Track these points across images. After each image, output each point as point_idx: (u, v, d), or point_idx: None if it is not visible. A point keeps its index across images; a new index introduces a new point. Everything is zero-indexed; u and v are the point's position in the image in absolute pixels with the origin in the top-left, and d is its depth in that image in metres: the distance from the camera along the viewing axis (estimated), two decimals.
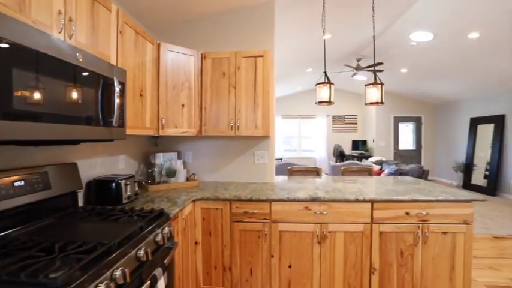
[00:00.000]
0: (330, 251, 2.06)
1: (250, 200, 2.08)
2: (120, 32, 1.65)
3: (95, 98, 1.31)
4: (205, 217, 2.14)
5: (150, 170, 2.51)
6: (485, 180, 6.47)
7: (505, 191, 6.07)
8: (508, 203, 5.52)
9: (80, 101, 1.21)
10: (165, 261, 1.33)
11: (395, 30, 4.42)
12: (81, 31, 1.32)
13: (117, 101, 1.41)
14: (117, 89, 1.42)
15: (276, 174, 4.85)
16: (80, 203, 1.74)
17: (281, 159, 8.79)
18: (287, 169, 3.29)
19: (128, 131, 1.75)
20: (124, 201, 1.80)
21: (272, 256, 2.08)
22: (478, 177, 6.71)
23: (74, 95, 1.18)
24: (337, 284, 2.07)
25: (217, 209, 2.12)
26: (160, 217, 1.51)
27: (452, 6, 3.43)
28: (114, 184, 1.76)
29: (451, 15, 3.63)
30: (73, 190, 1.55)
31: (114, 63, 1.59)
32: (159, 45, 2.19)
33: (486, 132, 6.60)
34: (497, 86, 5.96)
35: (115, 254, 1.00)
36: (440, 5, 3.46)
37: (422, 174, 4.87)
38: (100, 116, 1.35)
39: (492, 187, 6.23)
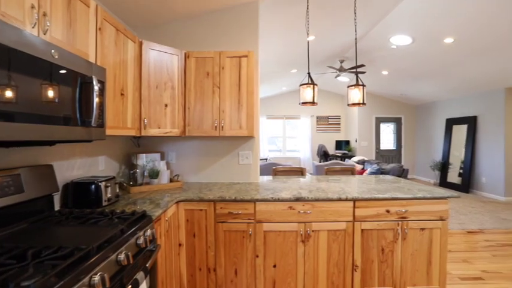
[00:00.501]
0: (313, 249, 2.08)
1: (235, 200, 2.07)
2: (100, 29, 1.60)
3: (72, 97, 1.26)
4: (189, 218, 2.11)
5: (132, 171, 2.45)
6: (460, 178, 6.77)
7: (477, 188, 6.38)
8: (479, 199, 5.80)
9: (56, 100, 1.16)
10: (147, 265, 1.30)
11: (377, 33, 4.54)
12: (57, 27, 1.27)
13: (96, 100, 1.37)
14: (96, 87, 1.37)
15: (261, 174, 4.87)
16: (57, 207, 1.67)
17: (266, 159, 8.83)
18: (272, 169, 3.31)
19: (108, 132, 1.70)
20: (104, 204, 1.74)
21: (257, 256, 2.09)
22: (453, 175, 7.02)
23: (50, 93, 1.13)
24: (321, 282, 2.10)
25: (201, 210, 2.10)
26: (143, 219, 1.47)
27: (428, 12, 3.56)
28: (93, 186, 1.70)
29: (428, 21, 3.78)
30: (48, 193, 1.49)
31: (93, 61, 1.54)
32: (141, 44, 2.15)
33: (460, 132, 6.91)
34: (470, 89, 6.26)
35: (94, 259, 0.97)
36: (417, 10, 3.58)
37: (402, 173, 5.03)
38: (78, 116, 1.30)
39: (466, 184, 6.54)
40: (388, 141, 9.06)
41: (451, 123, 7.25)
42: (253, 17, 2.74)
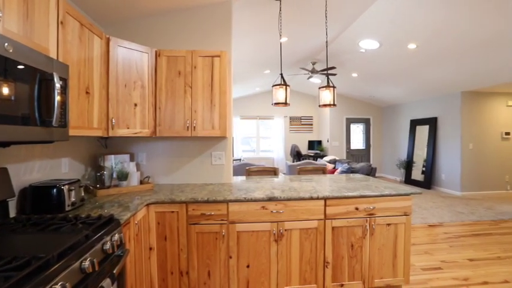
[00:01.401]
0: (286, 248, 2.12)
1: (207, 201, 2.05)
2: (62, 22, 1.51)
3: (30, 94, 1.18)
4: (160, 221, 2.05)
5: (98, 174, 2.33)
6: (423, 175, 7.23)
7: (438, 184, 6.86)
8: (440, 195, 6.24)
9: (12, 98, 1.08)
10: (114, 271, 1.25)
11: (347, 37, 4.71)
12: (11, 18, 1.18)
13: (57, 98, 1.29)
14: (57, 85, 1.29)
15: (235, 174, 4.86)
16: (12, 214, 1.55)
17: (240, 159, 8.82)
18: (245, 169, 3.31)
19: (72, 132, 1.61)
20: (67, 209, 1.64)
21: (230, 257, 2.08)
22: (417, 173, 7.48)
23: (4, 90, 1.04)
24: (294, 280, 2.14)
25: (172, 212, 2.05)
26: (110, 223, 1.41)
27: (393, 18, 3.77)
28: (55, 190, 1.60)
29: (393, 27, 3.99)
30: (2, 199, 1.37)
31: (54, 57, 1.45)
32: (108, 40, 2.05)
33: (423, 132, 7.38)
34: (431, 92, 6.70)
35: (54, 268, 0.91)
36: (383, 16, 3.78)
37: (371, 172, 5.27)
38: (37, 115, 1.22)
39: (428, 181, 6.99)
40: (357, 141, 9.44)
41: (414, 123, 7.71)
42: (226, 17, 2.72)
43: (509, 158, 6.39)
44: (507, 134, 6.36)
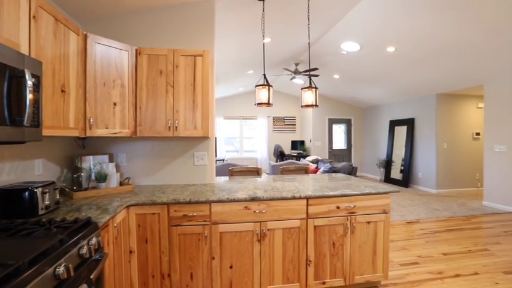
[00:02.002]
0: (269, 248, 2.13)
1: (189, 202, 2.02)
2: (34, 17, 1.44)
3: None
4: (140, 223, 2.00)
5: (75, 175, 2.24)
6: (401, 174, 7.49)
7: (415, 182, 7.13)
8: (417, 193, 6.48)
9: None
10: (91, 276, 1.21)
11: (329, 39, 4.80)
12: None
13: (29, 96, 1.23)
14: (29, 82, 1.23)
15: (218, 175, 4.83)
16: None
17: (223, 160, 8.77)
18: (228, 170, 3.30)
19: (46, 132, 1.54)
20: (41, 213, 1.57)
21: (213, 258, 2.06)
22: (396, 172, 7.74)
23: None
24: (277, 279, 2.15)
25: (153, 213, 2.01)
26: (87, 227, 1.36)
27: (373, 21, 3.88)
28: (27, 193, 1.52)
29: (373, 30, 4.11)
30: None
31: (25, 52, 1.38)
32: (85, 37, 1.98)
33: (401, 133, 7.65)
34: (409, 94, 6.96)
35: (24, 276, 0.86)
36: (364, 19, 3.88)
37: (352, 171, 5.40)
38: (6, 114, 1.15)
39: (406, 180, 7.25)
40: (339, 141, 9.64)
41: (393, 124, 7.97)
42: (209, 16, 2.70)
43: (479, 157, 6.74)
44: (477, 134, 6.71)
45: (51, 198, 1.66)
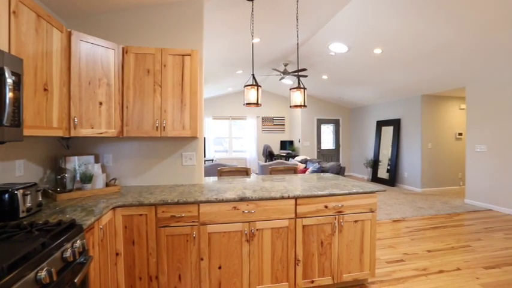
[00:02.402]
0: (258, 248, 2.13)
1: (177, 203, 2.00)
2: (14, 12, 1.39)
3: None
4: (127, 225, 1.97)
5: (59, 176, 2.18)
6: (388, 174, 7.65)
7: (401, 181, 7.29)
8: (403, 192, 6.63)
9: None
10: (75, 280, 1.18)
11: (317, 40, 4.85)
12: None
13: (9, 95, 1.19)
14: (9, 80, 1.19)
15: (207, 175, 4.80)
16: None
17: (212, 160, 8.73)
18: (217, 170, 3.28)
19: (27, 132, 1.49)
20: (22, 215, 1.52)
21: (201, 259, 2.05)
22: (383, 172, 7.89)
23: None
24: (266, 279, 2.15)
25: (141, 215, 1.98)
26: (71, 229, 1.32)
27: (361, 23, 3.94)
28: (6, 195, 1.46)
29: (360, 32, 4.18)
30: None
31: (5, 49, 1.33)
32: (69, 34, 1.93)
33: (388, 133, 7.81)
34: (395, 94, 7.11)
35: (3, 281, 0.83)
36: (352, 21, 3.94)
37: (340, 171, 5.47)
38: None
39: (392, 179, 7.41)
40: (328, 141, 9.76)
41: (380, 124, 8.13)
42: (198, 15, 2.68)
43: (461, 156, 6.96)
44: (460, 134, 6.93)
45: (33, 201, 1.61)
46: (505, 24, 3.27)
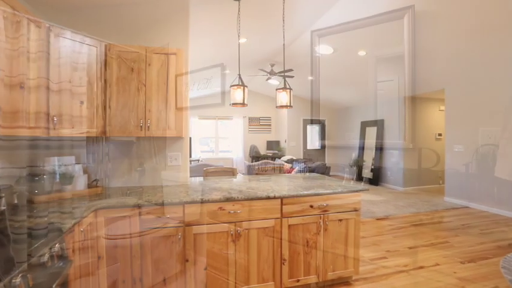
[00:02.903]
0: (244, 248, 2.13)
1: (162, 204, 1.97)
2: None
3: None
4: (110, 227, 1.91)
5: (37, 178, 2.09)
6: (372, 173, 7.83)
7: (384, 181, 7.49)
8: (386, 191, 6.81)
9: None
10: (53, 285, 1.14)
11: (303, 41, 4.90)
12: None
13: None
14: None
15: (193, 175, 4.74)
16: None
17: (198, 160, 8.64)
18: (203, 170, 3.26)
19: (2, 131, 1.42)
20: None
21: (187, 260, 2.02)
22: (367, 171, 8.07)
23: None
24: (252, 279, 2.15)
25: (124, 216, 1.93)
26: (49, 233, 1.27)
27: (345, 25, 4.01)
28: None
29: (345, 34, 4.26)
30: None
31: None
32: (48, 29, 1.86)
33: (372, 133, 7.99)
34: (379, 96, 7.28)
35: None
36: (337, 22, 4.00)
37: (325, 171, 5.56)
38: None
39: (376, 178, 7.59)
40: (313, 141, 9.88)
41: (364, 125, 8.31)
42: (183, 14, 2.65)
43: (441, 156, 7.22)
44: (439, 135, 7.19)
45: (7, 204, 1.53)
46: (480, 31, 3.42)
